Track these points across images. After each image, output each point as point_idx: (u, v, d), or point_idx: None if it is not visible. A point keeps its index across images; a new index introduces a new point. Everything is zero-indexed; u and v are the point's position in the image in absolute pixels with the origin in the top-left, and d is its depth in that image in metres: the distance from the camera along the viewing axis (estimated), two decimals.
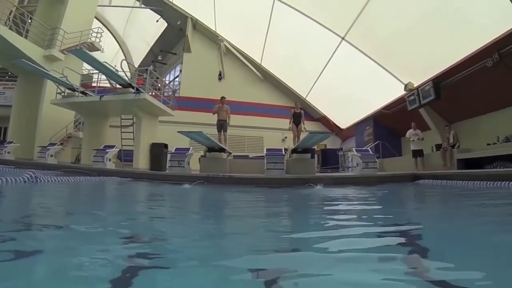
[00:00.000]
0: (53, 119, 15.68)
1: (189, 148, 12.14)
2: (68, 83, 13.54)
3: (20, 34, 14.72)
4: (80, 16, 17.22)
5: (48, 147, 13.59)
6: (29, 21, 15.83)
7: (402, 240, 2.13)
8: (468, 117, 12.35)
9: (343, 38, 15.63)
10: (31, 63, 13.01)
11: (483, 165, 9.34)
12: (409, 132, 11.91)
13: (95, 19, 20.48)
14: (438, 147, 12.06)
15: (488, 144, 10.26)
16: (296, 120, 12.90)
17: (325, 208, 4.52)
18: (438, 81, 12.02)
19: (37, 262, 1.59)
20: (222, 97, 12.77)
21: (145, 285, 1.31)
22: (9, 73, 18.70)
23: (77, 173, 9.43)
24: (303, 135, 11.24)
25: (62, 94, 14.28)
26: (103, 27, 24.65)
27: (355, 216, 3.59)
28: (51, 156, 13.42)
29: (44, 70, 13.58)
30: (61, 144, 15.45)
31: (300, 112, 13.07)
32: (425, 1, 11.30)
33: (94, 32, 18.79)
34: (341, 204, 4.80)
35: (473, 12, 10.04)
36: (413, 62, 13.22)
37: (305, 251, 1.92)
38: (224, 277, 1.44)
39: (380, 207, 4.66)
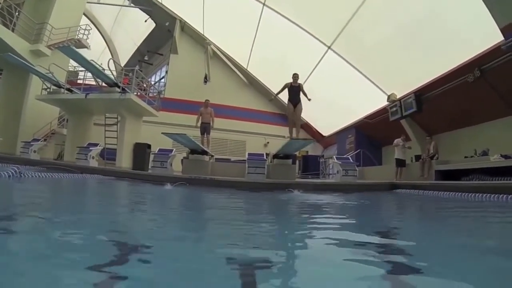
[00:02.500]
0: (37, 114, 15.55)
1: (172, 150, 12.22)
2: (54, 79, 13.49)
3: (7, 27, 14.50)
4: (68, 12, 17.04)
5: (31, 143, 13.48)
6: (17, 14, 15.58)
7: (376, 246, 2.30)
8: (447, 130, 12.73)
9: (329, 47, 15.91)
10: (17, 58, 12.91)
11: (460, 177, 9.56)
12: (397, 140, 12.09)
13: (83, 16, 20.32)
14: (418, 157, 12.32)
15: (465, 157, 10.58)
16: (293, 97, 10.26)
17: (299, 213, 4.68)
18: (420, 94, 12.43)
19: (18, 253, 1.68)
20: (206, 100, 12.87)
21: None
22: None
23: (60, 170, 9.43)
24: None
25: (48, 90, 14.20)
26: (91, 24, 24.50)
27: (327, 221, 3.74)
28: (34, 152, 13.29)
29: (30, 65, 13.46)
30: (45, 140, 15.34)
31: (299, 85, 10.43)
32: (410, 16, 11.62)
33: (82, 29, 18.62)
34: (317, 209, 4.96)
35: (457, 28, 10.37)
36: (397, 74, 13.56)
37: (275, 253, 1.99)
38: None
39: (355, 213, 4.81)
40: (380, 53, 13.69)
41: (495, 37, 8.43)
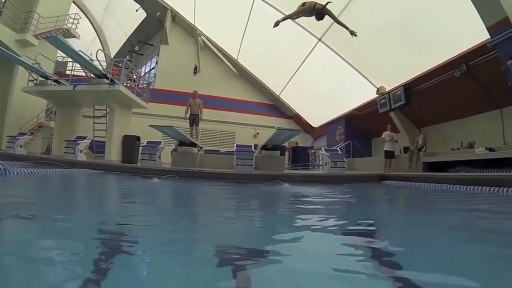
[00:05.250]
0: (23, 107, 15.19)
1: (161, 142, 12.18)
2: (41, 70, 13.28)
3: None
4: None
5: (17, 137, 13.14)
6: (3, 1, 15.23)
7: (363, 237, 2.38)
8: (435, 122, 12.94)
9: (319, 39, 15.89)
10: (2, 48, 12.64)
11: (447, 168, 9.77)
12: (385, 133, 12.28)
13: (72, 4, 20.00)
14: (406, 149, 12.50)
15: (452, 149, 10.77)
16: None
17: (286, 205, 4.72)
18: (408, 87, 12.64)
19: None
20: (194, 91, 12.86)
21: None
22: None
23: (48, 165, 9.34)
24: None
25: (34, 81, 13.94)
26: (81, 12, 24.13)
27: (315, 213, 3.82)
28: (21, 146, 12.98)
29: (16, 56, 13.18)
30: (32, 134, 15.01)
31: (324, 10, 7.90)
32: (400, 10, 11.69)
33: (71, 18, 18.18)
34: (304, 202, 5.01)
35: (446, 25, 10.52)
36: (386, 67, 13.69)
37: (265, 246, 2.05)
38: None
39: (341, 205, 4.86)
40: (370, 46, 13.68)
41: (482, 35, 8.62)
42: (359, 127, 17.61)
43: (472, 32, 9.15)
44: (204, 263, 1.63)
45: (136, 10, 23.23)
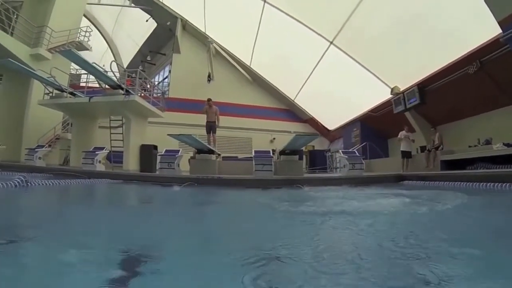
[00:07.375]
0: (40, 120, 15.30)
1: (179, 150, 12.18)
2: (56, 83, 13.31)
3: (6, 31, 14.29)
4: (68, 13, 16.83)
5: (36, 149, 13.33)
6: (15, 17, 15.29)
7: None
8: (451, 120, 12.80)
9: (331, 43, 15.86)
10: (17, 63, 12.64)
11: (465, 166, 9.65)
12: (401, 133, 12.20)
13: (83, 17, 20.19)
14: (423, 148, 12.38)
15: (469, 146, 10.71)
16: None
17: (311, 209, 4.62)
18: (423, 86, 12.55)
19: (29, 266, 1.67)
20: (209, 99, 12.81)
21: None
22: None
23: (67, 176, 9.37)
24: None
25: (50, 94, 13.97)
26: (92, 25, 24.39)
27: (339, 216, 3.73)
28: (39, 158, 13.14)
29: (31, 70, 13.21)
30: (49, 146, 15.18)
31: None
32: (411, 9, 11.66)
33: (83, 31, 18.42)
34: (328, 204, 4.89)
35: (456, 20, 10.46)
36: (400, 67, 13.59)
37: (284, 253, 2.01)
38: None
39: (362, 206, 4.74)
40: (382, 46, 13.73)
41: (494, 30, 8.50)
42: (375, 128, 17.50)
43: (484, 28, 9.07)
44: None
45: (146, 20, 23.41)
